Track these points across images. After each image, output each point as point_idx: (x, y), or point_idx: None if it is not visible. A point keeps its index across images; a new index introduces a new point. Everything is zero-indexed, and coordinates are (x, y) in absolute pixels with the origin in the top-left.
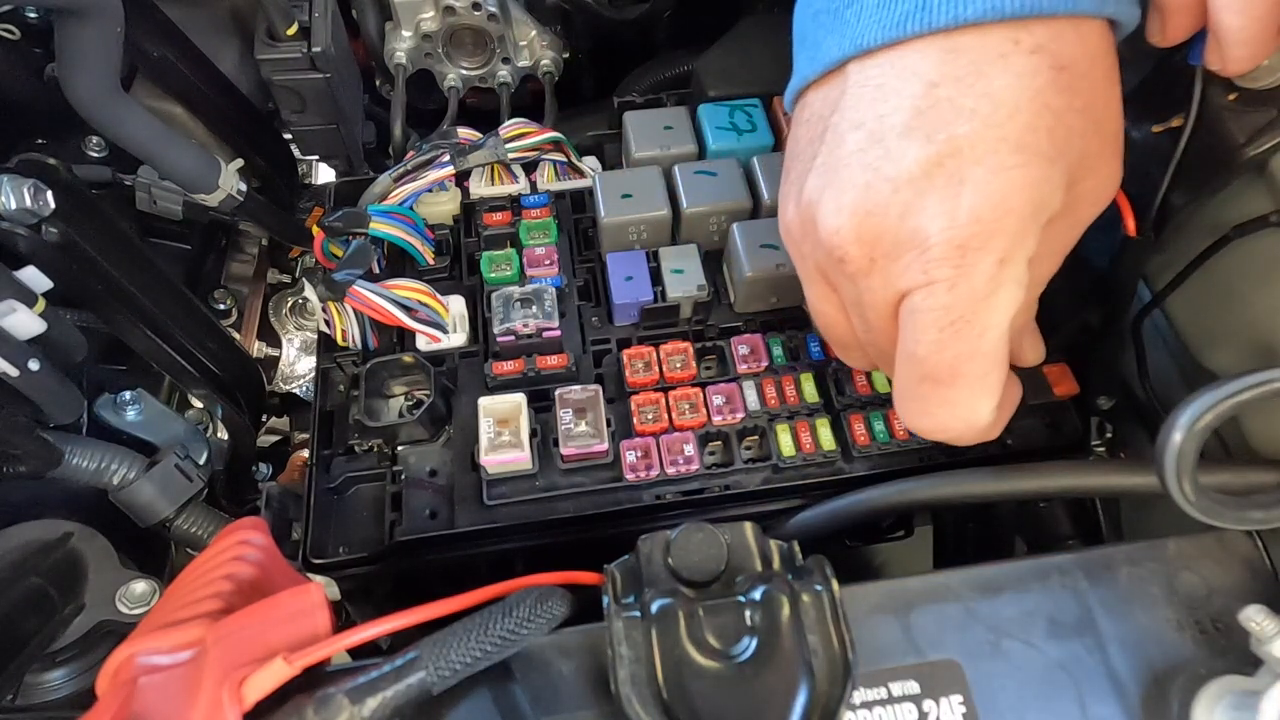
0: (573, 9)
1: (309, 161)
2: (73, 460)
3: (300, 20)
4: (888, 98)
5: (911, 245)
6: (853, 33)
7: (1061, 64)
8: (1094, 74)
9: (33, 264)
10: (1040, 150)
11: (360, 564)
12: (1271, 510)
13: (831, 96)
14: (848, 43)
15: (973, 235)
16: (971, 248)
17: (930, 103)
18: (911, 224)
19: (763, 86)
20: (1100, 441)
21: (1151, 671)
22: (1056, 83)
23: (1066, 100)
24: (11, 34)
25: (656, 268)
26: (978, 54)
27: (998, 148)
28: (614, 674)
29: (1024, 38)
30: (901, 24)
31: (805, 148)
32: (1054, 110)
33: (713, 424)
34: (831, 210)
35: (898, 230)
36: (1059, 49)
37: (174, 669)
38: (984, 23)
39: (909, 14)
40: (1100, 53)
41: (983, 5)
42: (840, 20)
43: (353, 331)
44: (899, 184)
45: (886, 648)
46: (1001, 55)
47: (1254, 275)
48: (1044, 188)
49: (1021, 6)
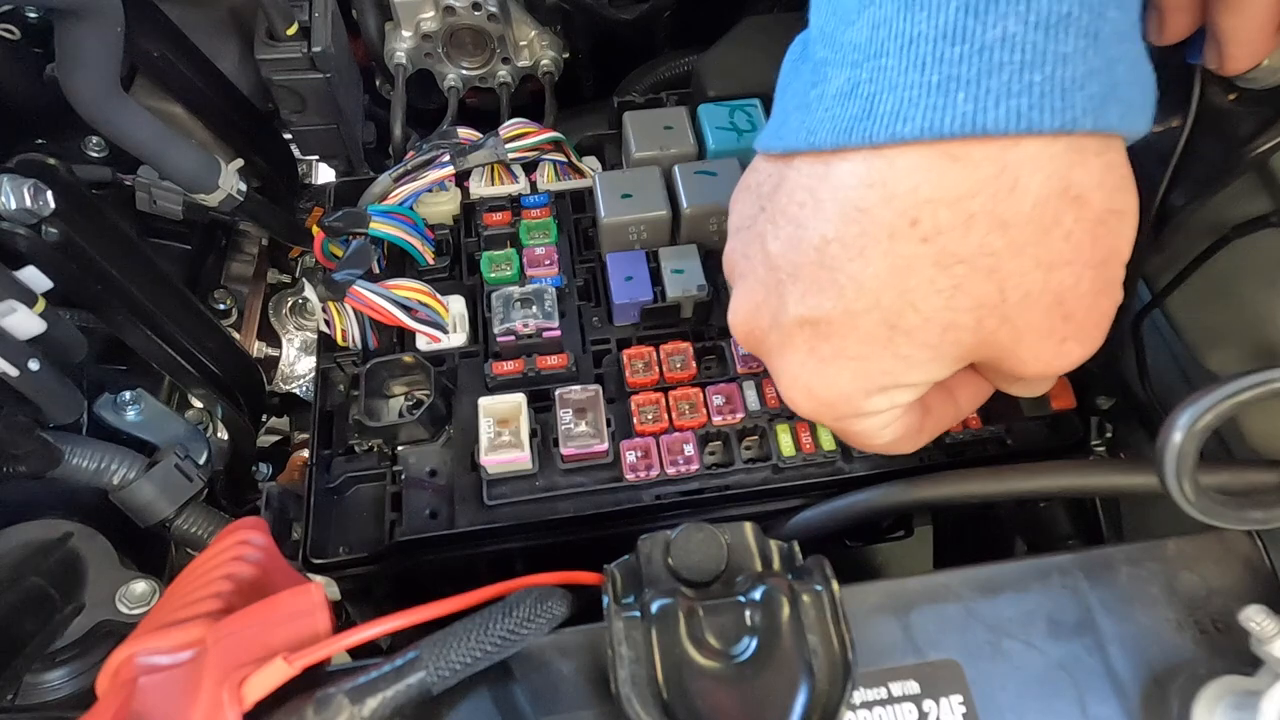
0: (573, 9)
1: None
2: (73, 460)
3: (300, 20)
4: (806, 220)
5: (774, 377)
6: (810, 121)
7: (992, 225)
8: (1032, 239)
9: (33, 264)
10: (891, 345)
11: (360, 564)
12: (1271, 510)
13: (774, 179)
14: (802, 133)
15: (814, 403)
16: (817, 407)
17: (821, 258)
18: (774, 364)
19: (763, 86)
20: (1100, 441)
21: (1151, 671)
22: (953, 263)
23: (965, 296)
24: (11, 34)
25: (656, 268)
26: (889, 198)
27: (845, 333)
28: (614, 674)
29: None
30: (848, 128)
31: (745, 209)
32: (939, 297)
33: (713, 424)
34: (733, 306)
35: (767, 358)
36: (994, 203)
37: (174, 669)
38: (916, 142)
39: (855, 118)
40: (1056, 201)
41: (920, 122)
42: (805, 99)
43: (353, 331)
44: (774, 325)
45: (886, 648)
46: (906, 217)
47: (1254, 275)
48: (887, 376)
49: (959, 123)
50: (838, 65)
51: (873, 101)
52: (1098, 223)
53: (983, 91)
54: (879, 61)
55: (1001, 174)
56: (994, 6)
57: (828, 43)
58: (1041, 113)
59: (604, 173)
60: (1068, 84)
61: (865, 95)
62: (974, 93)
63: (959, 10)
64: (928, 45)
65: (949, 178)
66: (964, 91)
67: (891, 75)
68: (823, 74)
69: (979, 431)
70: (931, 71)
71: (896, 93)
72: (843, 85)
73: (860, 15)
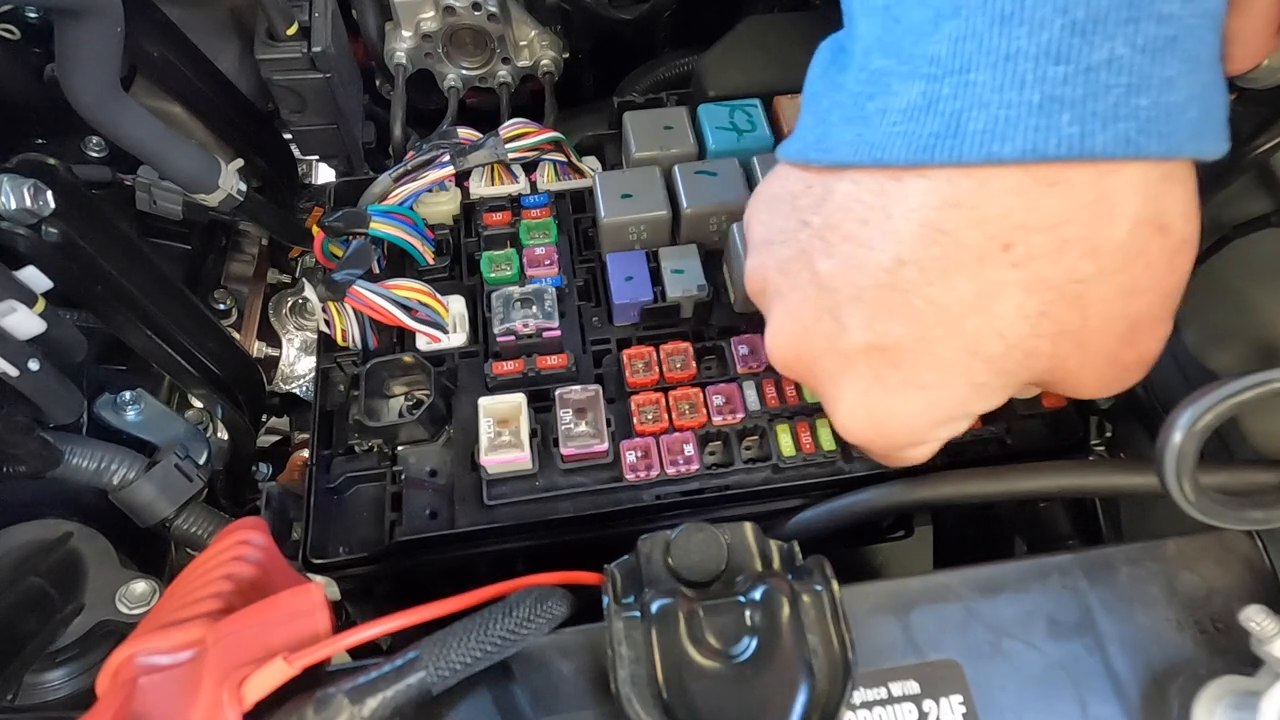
0: (573, 9)
1: (309, 161)
2: (73, 460)
3: (300, 20)
4: (871, 239)
5: (826, 405)
6: (872, 134)
7: (1081, 253)
8: (1120, 266)
9: (33, 264)
10: (969, 374)
11: (360, 564)
12: (1271, 510)
13: (816, 192)
14: (862, 147)
15: (875, 433)
16: (877, 437)
17: (893, 280)
18: (828, 391)
19: (763, 86)
20: (1100, 441)
21: (1151, 671)
22: (1043, 289)
23: (1050, 322)
24: (11, 34)
25: (656, 268)
26: (979, 221)
27: (917, 361)
28: (614, 674)
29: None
30: (927, 146)
31: (778, 221)
32: (1025, 323)
33: (713, 424)
34: (773, 332)
35: (818, 385)
36: (1089, 230)
37: (174, 669)
38: (1011, 164)
39: (937, 135)
40: (1141, 232)
41: (1021, 142)
42: (860, 110)
43: (353, 331)
44: (831, 350)
45: (886, 648)
46: (997, 242)
47: (1254, 275)
48: (959, 406)
49: (1064, 145)
50: (907, 78)
51: (959, 118)
52: (1175, 252)
53: (1089, 114)
54: (965, 76)
55: (1100, 200)
56: (1101, 28)
57: (891, 53)
58: (1148, 138)
59: (604, 173)
60: (1171, 109)
61: (948, 111)
62: (1080, 114)
63: (1064, 29)
64: (1028, 63)
65: (1046, 202)
66: (1069, 113)
67: (982, 92)
68: (884, 85)
69: (979, 431)
70: (1032, 90)
71: (989, 110)
72: (915, 99)
73: (939, 28)
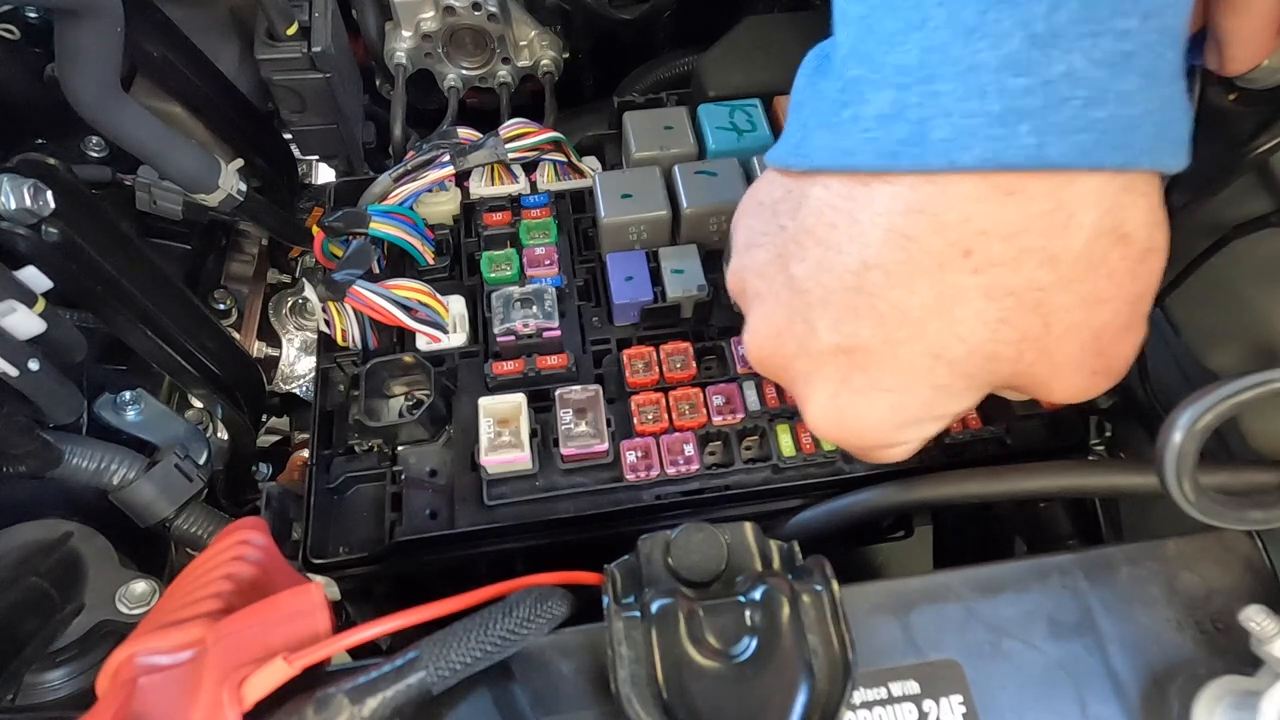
0: (573, 9)
1: (309, 161)
2: (73, 460)
3: (300, 20)
4: (839, 243)
5: (799, 406)
6: (844, 141)
7: (1044, 259)
8: (1079, 275)
9: (33, 264)
10: (932, 376)
11: (360, 564)
12: (1271, 510)
13: (793, 196)
14: (835, 153)
15: (843, 433)
16: (846, 436)
17: (859, 284)
18: (799, 391)
19: (763, 86)
20: (1100, 441)
21: (1151, 671)
22: (1003, 295)
23: (1010, 328)
24: (11, 34)
25: (656, 268)
26: (940, 227)
27: (882, 363)
28: (614, 674)
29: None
30: (893, 152)
31: (757, 225)
32: (985, 328)
33: (713, 424)
34: (750, 329)
35: (791, 385)
36: (1047, 239)
37: (174, 669)
38: (971, 171)
39: (902, 142)
40: (1108, 239)
41: (980, 151)
42: (836, 117)
43: (353, 331)
44: (801, 352)
45: (886, 648)
46: (958, 248)
47: (1254, 275)
48: (925, 408)
49: (1021, 155)
50: (878, 86)
51: (924, 126)
52: (1139, 261)
53: (1047, 125)
54: (931, 86)
55: (1057, 210)
56: (1061, 42)
57: (865, 62)
58: (1105, 150)
59: (604, 173)
60: (1128, 122)
61: (914, 119)
62: (1038, 125)
63: (1025, 42)
64: (989, 74)
65: (1004, 211)
66: (1028, 124)
67: (946, 101)
68: (857, 93)
69: (978, 431)
70: (994, 101)
71: (952, 120)
72: (884, 107)
73: (908, 38)
